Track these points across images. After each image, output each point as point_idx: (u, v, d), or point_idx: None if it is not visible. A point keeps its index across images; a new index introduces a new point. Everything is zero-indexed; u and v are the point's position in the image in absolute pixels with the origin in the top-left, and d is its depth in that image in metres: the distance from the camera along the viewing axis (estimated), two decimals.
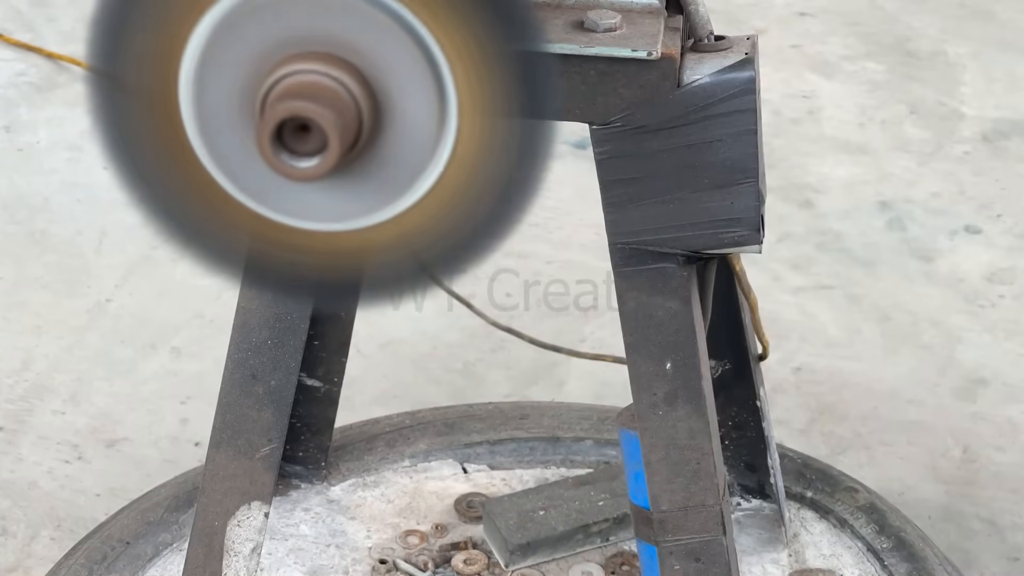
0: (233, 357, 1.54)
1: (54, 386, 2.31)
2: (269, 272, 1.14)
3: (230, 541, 1.56)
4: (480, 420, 1.95)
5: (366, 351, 2.35)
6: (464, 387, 2.32)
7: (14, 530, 2.05)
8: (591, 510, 1.77)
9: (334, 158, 1.01)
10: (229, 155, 1.07)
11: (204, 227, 1.10)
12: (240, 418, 1.55)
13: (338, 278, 1.14)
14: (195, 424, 2.22)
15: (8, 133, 2.95)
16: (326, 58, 1.03)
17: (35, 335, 2.41)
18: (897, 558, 1.77)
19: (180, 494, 1.83)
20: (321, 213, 1.09)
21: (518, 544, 1.73)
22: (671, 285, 1.37)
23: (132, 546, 1.78)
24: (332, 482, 1.85)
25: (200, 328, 2.43)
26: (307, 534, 1.78)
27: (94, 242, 2.64)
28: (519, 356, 2.34)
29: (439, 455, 1.91)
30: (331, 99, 1.01)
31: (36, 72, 3.14)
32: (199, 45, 1.05)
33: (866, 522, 1.81)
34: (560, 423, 1.95)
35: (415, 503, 1.84)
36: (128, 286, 2.53)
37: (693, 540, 1.45)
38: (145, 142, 1.08)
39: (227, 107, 1.06)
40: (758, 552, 1.77)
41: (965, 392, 2.32)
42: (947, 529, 2.06)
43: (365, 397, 2.25)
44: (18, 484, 2.12)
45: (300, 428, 1.78)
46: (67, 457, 2.17)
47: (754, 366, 1.70)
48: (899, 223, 2.74)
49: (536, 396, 2.29)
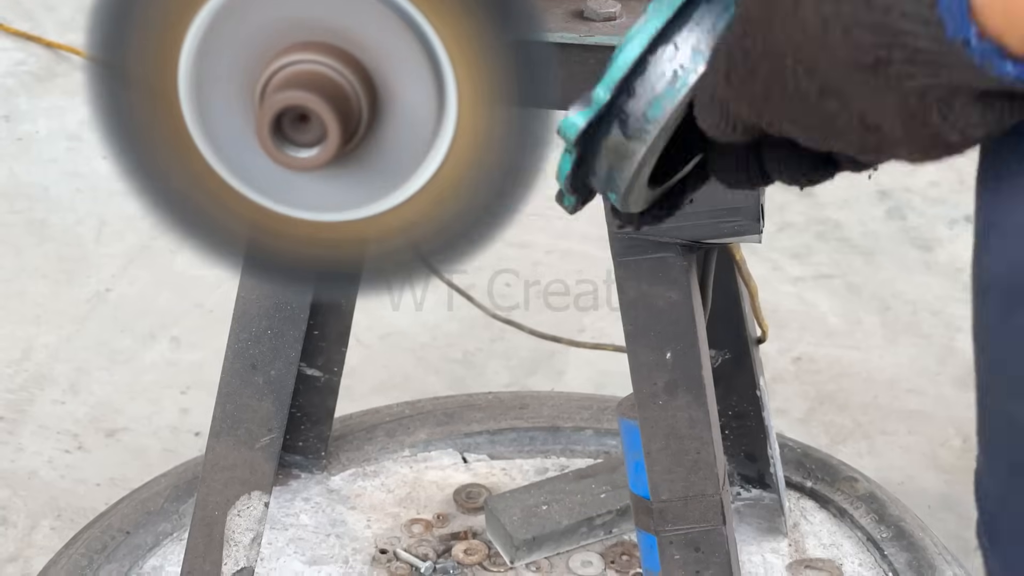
0: (233, 347, 1.54)
1: (54, 376, 2.31)
2: (269, 262, 1.14)
3: (230, 531, 1.56)
4: (480, 410, 1.95)
5: (366, 341, 2.35)
6: (464, 377, 2.32)
7: (14, 520, 2.05)
8: (594, 503, 1.77)
9: (333, 148, 1.01)
10: (228, 145, 1.07)
11: (204, 217, 1.10)
12: (240, 408, 1.55)
13: (338, 268, 1.14)
14: (195, 414, 2.22)
15: (7, 123, 2.95)
16: (325, 48, 1.03)
17: (35, 325, 2.41)
18: (897, 547, 1.77)
19: (180, 484, 1.83)
20: (321, 203, 1.09)
21: (523, 539, 1.73)
22: (671, 274, 1.37)
23: (132, 536, 1.78)
24: (332, 472, 1.85)
25: (200, 318, 2.43)
26: (307, 524, 1.78)
27: (94, 232, 2.64)
28: (519, 346, 2.34)
29: (439, 445, 1.91)
30: (330, 89, 1.01)
31: (35, 61, 3.13)
32: (199, 34, 1.05)
33: (866, 511, 1.81)
34: (560, 413, 1.95)
35: (415, 493, 1.84)
36: (128, 276, 2.53)
37: (693, 530, 1.45)
38: (144, 132, 1.08)
39: (226, 96, 1.05)
40: (758, 541, 1.77)
41: (965, 381, 2.32)
42: (947, 518, 2.06)
43: (365, 387, 2.25)
44: (18, 474, 2.12)
45: (300, 418, 1.78)
46: (67, 447, 2.17)
47: (754, 355, 1.70)
48: (898, 212, 2.74)
49: (536, 386, 2.29)
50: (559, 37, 1.25)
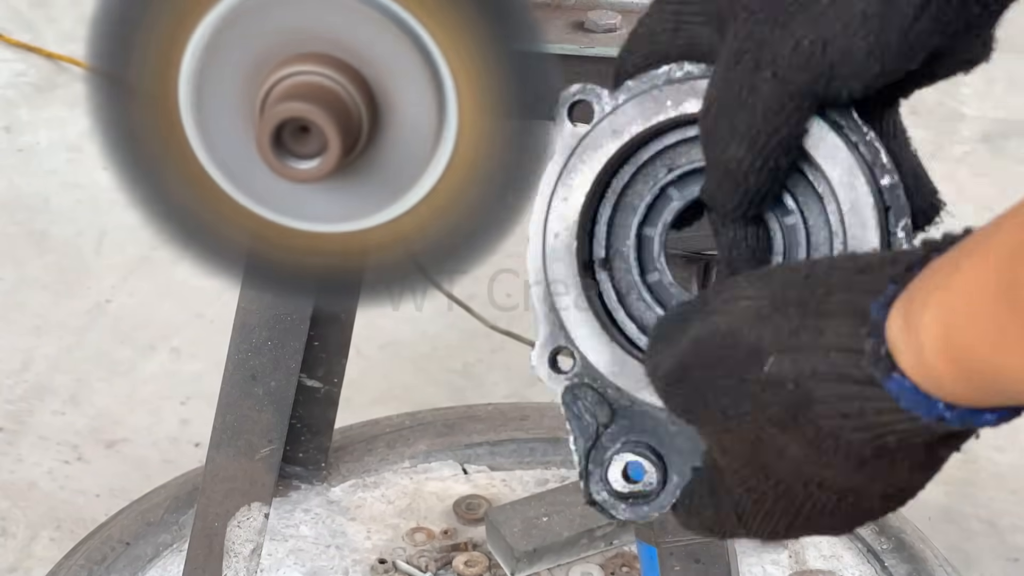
0: (233, 358, 1.54)
1: (54, 386, 2.31)
2: (269, 273, 1.14)
3: (230, 542, 1.56)
4: (480, 421, 1.95)
5: (366, 352, 2.35)
6: (464, 388, 2.32)
7: (14, 531, 2.05)
8: (594, 515, 1.77)
9: (334, 159, 1.01)
10: (229, 156, 1.07)
11: (204, 228, 1.10)
12: (240, 419, 1.55)
13: (338, 279, 1.14)
14: (195, 425, 2.22)
15: (8, 133, 2.95)
16: (326, 60, 1.03)
17: (35, 335, 2.41)
18: (897, 559, 1.77)
19: (180, 495, 1.83)
20: (321, 214, 1.09)
21: (524, 551, 1.73)
22: None
23: (132, 547, 1.78)
24: (332, 483, 1.85)
25: (200, 329, 2.43)
26: (307, 535, 1.78)
27: (94, 243, 2.64)
28: (519, 357, 2.34)
29: (439, 456, 1.91)
30: (331, 100, 1.01)
31: (36, 72, 3.14)
32: (199, 45, 1.05)
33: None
34: (560, 424, 1.94)
35: (415, 504, 1.84)
36: (128, 287, 2.53)
37: (693, 541, 1.44)
38: (145, 142, 1.08)
39: (227, 108, 1.06)
40: (758, 553, 1.77)
41: None
42: (947, 530, 2.06)
43: (365, 398, 2.25)
44: (18, 485, 2.12)
45: (300, 429, 1.78)
46: (67, 458, 2.17)
47: None
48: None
49: (536, 397, 2.29)
50: (560, 48, 1.25)
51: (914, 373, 0.72)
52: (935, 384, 0.72)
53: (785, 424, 0.76)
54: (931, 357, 0.71)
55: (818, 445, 0.77)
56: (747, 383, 0.76)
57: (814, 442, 0.77)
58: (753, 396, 0.76)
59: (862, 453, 0.77)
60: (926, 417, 0.74)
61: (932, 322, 0.70)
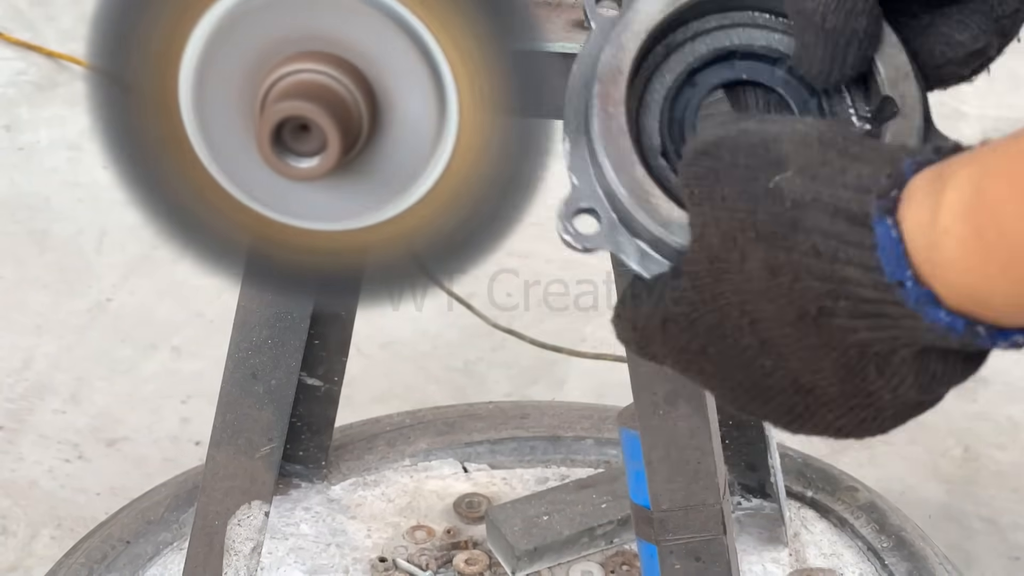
0: (233, 356, 1.54)
1: (54, 385, 2.31)
2: (270, 272, 1.14)
3: (230, 540, 1.56)
4: (481, 419, 1.95)
5: (366, 350, 2.35)
6: (465, 386, 2.32)
7: (14, 529, 2.05)
8: (595, 513, 1.77)
9: (334, 158, 1.01)
10: (229, 155, 1.07)
11: (204, 227, 1.10)
12: (240, 417, 1.55)
13: (339, 278, 1.14)
14: (195, 423, 2.22)
15: (8, 132, 2.95)
16: (326, 58, 1.03)
17: (35, 334, 2.41)
18: (897, 557, 1.77)
19: (180, 493, 1.83)
20: (321, 212, 1.09)
21: (525, 550, 1.73)
22: None
23: (132, 545, 1.78)
24: (332, 481, 1.85)
25: (200, 327, 2.43)
26: (307, 533, 1.78)
27: (94, 241, 2.64)
28: (519, 355, 2.34)
29: (440, 454, 1.91)
30: (331, 99, 1.01)
31: (36, 71, 3.14)
32: (200, 44, 1.05)
33: (866, 521, 1.81)
34: (561, 422, 1.95)
35: (416, 502, 1.84)
36: (128, 285, 2.53)
37: (694, 539, 1.44)
38: (145, 141, 1.08)
39: (227, 106, 1.06)
40: (758, 551, 1.77)
41: (966, 391, 2.32)
42: (948, 528, 2.06)
43: (365, 396, 2.25)
44: (18, 483, 2.12)
45: (300, 427, 1.78)
46: (67, 456, 2.17)
47: None
48: None
49: (537, 395, 2.29)
50: (560, 47, 1.25)
51: (915, 234, 0.74)
52: (931, 248, 0.74)
53: (762, 238, 0.79)
54: (948, 218, 0.73)
55: (774, 272, 0.79)
56: (757, 183, 0.80)
57: (773, 268, 0.79)
58: (754, 197, 0.80)
59: (804, 302, 0.79)
60: (891, 277, 0.75)
61: (965, 180, 0.73)
